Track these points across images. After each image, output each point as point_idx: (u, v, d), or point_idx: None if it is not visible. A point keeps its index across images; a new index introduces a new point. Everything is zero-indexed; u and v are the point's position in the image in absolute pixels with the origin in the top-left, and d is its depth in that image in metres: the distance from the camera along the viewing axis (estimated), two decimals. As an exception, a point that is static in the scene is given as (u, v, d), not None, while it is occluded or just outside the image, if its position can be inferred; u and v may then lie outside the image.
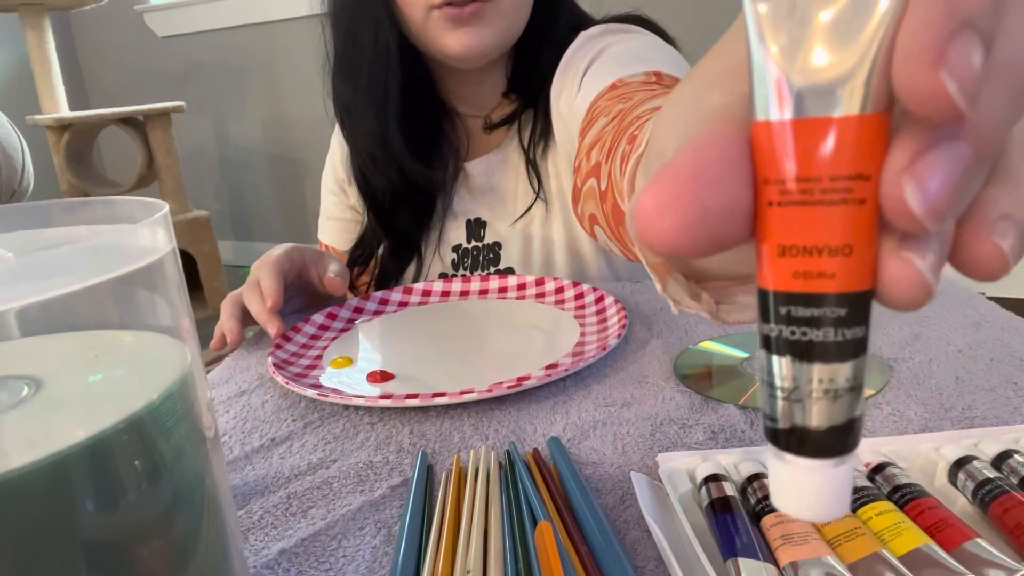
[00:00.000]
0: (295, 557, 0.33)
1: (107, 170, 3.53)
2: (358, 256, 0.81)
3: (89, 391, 0.22)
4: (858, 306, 0.14)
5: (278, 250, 0.65)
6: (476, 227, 0.80)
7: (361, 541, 0.34)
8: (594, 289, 0.64)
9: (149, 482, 0.22)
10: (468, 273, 0.79)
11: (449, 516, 0.34)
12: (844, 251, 0.14)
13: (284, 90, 3.03)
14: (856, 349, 0.14)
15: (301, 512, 0.37)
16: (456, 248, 0.80)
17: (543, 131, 0.75)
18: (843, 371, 0.14)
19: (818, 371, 0.15)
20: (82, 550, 0.21)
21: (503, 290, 0.70)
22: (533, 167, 0.76)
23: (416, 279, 0.80)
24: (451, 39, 0.67)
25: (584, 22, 0.74)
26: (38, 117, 2.40)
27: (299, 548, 0.34)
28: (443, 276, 0.79)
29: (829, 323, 0.14)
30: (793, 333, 0.15)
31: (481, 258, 0.79)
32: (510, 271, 0.78)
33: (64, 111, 2.48)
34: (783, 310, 0.15)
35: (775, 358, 0.15)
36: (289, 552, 0.34)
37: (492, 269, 0.79)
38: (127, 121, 2.49)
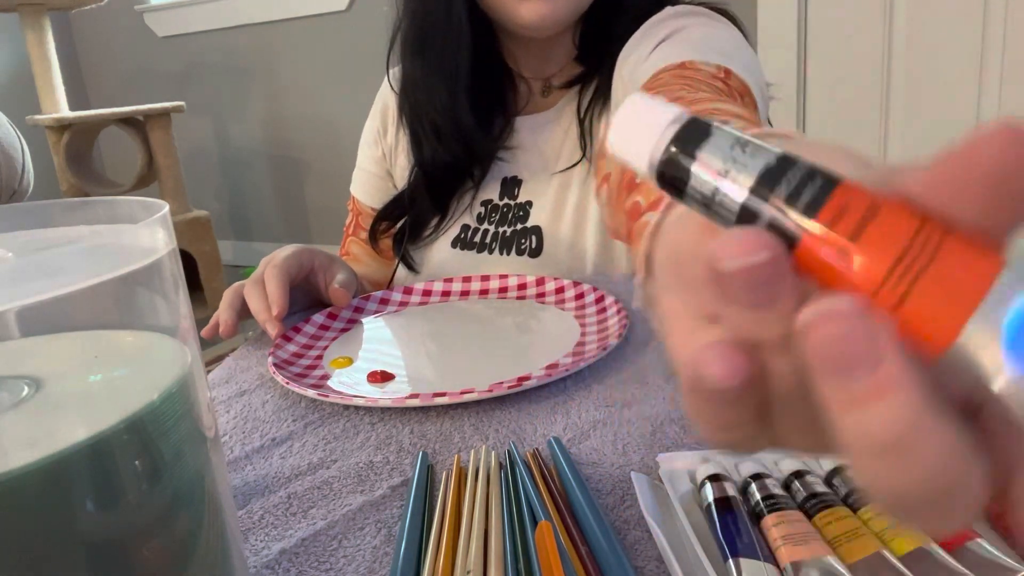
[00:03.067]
0: (295, 557, 0.33)
1: (107, 170, 3.53)
2: (390, 213, 0.82)
3: (89, 391, 0.22)
4: None
5: (287, 250, 0.65)
6: (511, 185, 0.80)
7: (361, 541, 0.34)
8: (594, 289, 0.64)
9: (149, 482, 0.22)
10: (492, 227, 0.79)
11: (449, 516, 0.34)
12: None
13: (284, 90, 3.03)
14: None
15: (301, 512, 0.37)
16: (486, 203, 0.81)
17: (603, 94, 0.75)
18: None
19: None
20: (82, 549, 0.21)
21: (503, 290, 0.70)
22: (587, 127, 0.76)
23: (437, 228, 0.81)
24: (525, 9, 0.68)
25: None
26: (38, 117, 2.40)
27: (299, 548, 0.34)
28: (464, 228, 0.80)
29: None
30: None
31: (510, 215, 0.79)
32: (536, 231, 0.77)
33: (64, 111, 2.48)
34: None
35: None
36: (289, 552, 0.34)
37: (519, 226, 0.78)
38: (127, 121, 2.49)
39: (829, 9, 1.98)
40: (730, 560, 0.27)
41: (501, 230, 0.79)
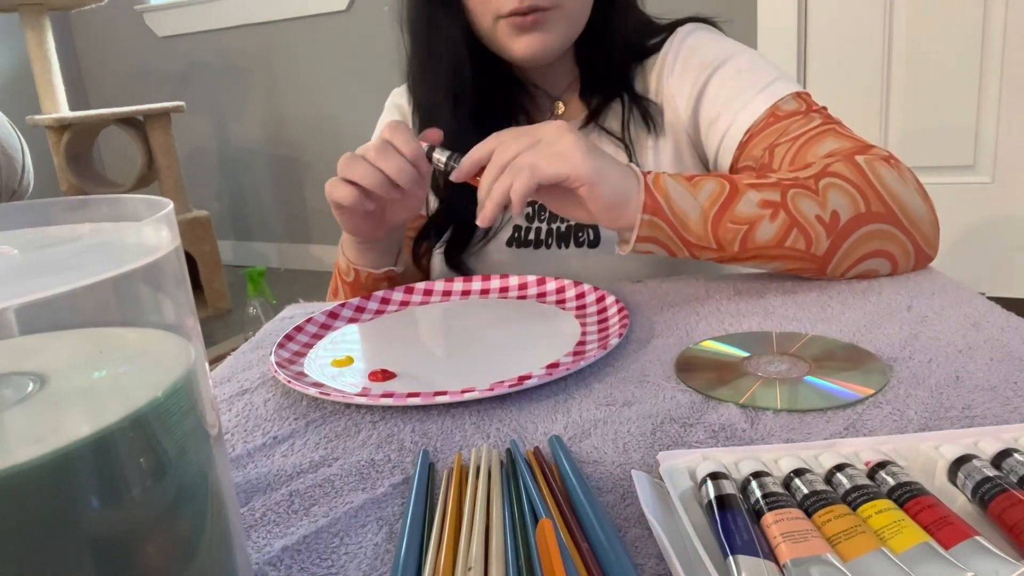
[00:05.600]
0: (297, 554, 0.33)
1: (107, 170, 3.53)
2: (430, 232, 0.83)
3: (94, 387, 0.23)
4: None
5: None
6: None
7: (363, 538, 0.34)
8: (595, 289, 0.64)
9: (153, 478, 0.22)
10: (544, 225, 0.81)
11: (451, 514, 0.34)
12: None
13: (284, 90, 3.03)
14: None
15: (303, 509, 0.37)
16: (532, 203, 0.82)
17: (642, 118, 0.78)
18: None
19: None
20: (87, 545, 0.21)
21: (504, 290, 0.70)
22: (629, 139, 0.78)
23: (487, 235, 0.82)
24: (517, 45, 0.72)
25: (644, 18, 0.80)
26: (38, 117, 2.40)
27: (301, 545, 0.34)
28: (516, 228, 0.82)
29: None
30: None
31: None
32: (593, 226, 0.79)
33: (64, 111, 2.48)
34: None
35: None
36: (291, 549, 0.34)
37: (572, 222, 0.80)
38: (127, 121, 2.49)
39: (829, 9, 1.99)
40: (730, 557, 0.28)
41: (555, 226, 0.81)
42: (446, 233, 0.83)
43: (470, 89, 0.76)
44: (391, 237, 0.74)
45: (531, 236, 0.81)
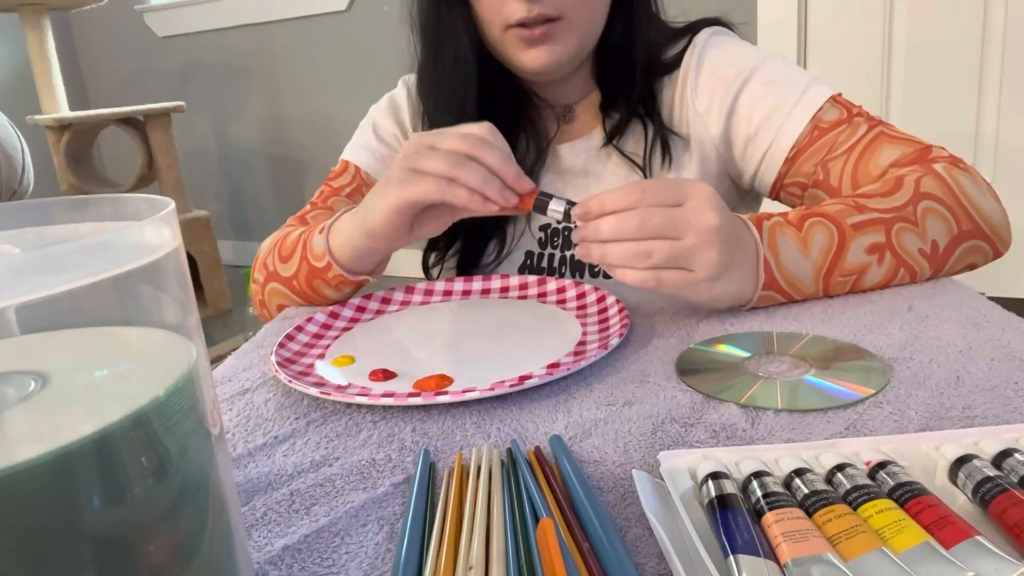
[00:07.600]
0: (298, 553, 0.33)
1: (107, 170, 3.53)
2: (439, 242, 0.82)
3: (95, 386, 0.23)
4: None
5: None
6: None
7: (364, 538, 0.34)
8: (595, 289, 0.64)
9: (155, 477, 0.22)
10: (558, 252, 0.80)
11: (451, 513, 0.34)
12: None
13: (284, 90, 3.03)
14: None
15: (304, 509, 0.37)
16: (544, 227, 0.81)
17: (663, 145, 0.76)
18: None
19: None
20: (88, 544, 0.21)
21: (505, 290, 0.70)
22: (647, 159, 0.77)
23: (499, 256, 0.81)
24: (525, 57, 0.71)
25: (664, 29, 0.78)
26: (38, 117, 2.40)
27: (302, 544, 0.34)
28: (528, 254, 0.81)
29: None
30: None
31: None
32: None
33: (64, 111, 2.48)
34: None
35: None
36: (292, 548, 0.34)
37: None
38: (127, 121, 2.49)
39: (829, 9, 1.99)
40: (731, 557, 0.28)
41: (568, 253, 0.80)
42: (455, 246, 0.82)
43: (474, 98, 0.74)
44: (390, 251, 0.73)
45: (544, 263, 0.80)
